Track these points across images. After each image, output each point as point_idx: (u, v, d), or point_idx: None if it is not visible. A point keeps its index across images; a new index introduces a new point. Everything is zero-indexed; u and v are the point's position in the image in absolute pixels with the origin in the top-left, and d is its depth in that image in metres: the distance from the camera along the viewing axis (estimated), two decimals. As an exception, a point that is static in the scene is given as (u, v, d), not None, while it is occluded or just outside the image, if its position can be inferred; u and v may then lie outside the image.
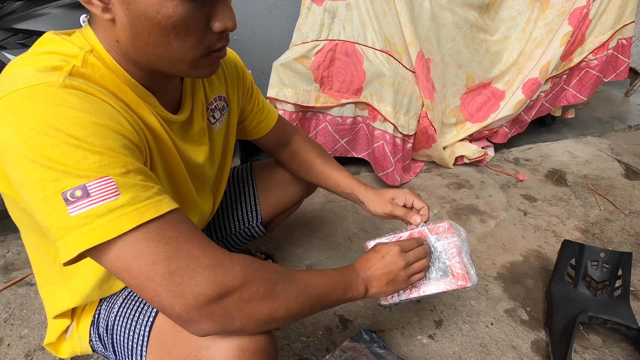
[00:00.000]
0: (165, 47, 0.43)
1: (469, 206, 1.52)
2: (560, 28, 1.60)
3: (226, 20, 0.44)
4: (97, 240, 0.37)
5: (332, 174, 0.81)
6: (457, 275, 0.68)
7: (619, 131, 2.23)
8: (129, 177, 0.39)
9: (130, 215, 0.38)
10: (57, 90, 0.38)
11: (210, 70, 0.49)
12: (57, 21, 1.02)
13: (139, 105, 0.48)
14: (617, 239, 1.36)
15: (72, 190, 0.36)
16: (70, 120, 0.37)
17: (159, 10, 0.39)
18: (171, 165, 0.55)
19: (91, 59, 0.44)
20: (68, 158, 0.36)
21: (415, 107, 1.48)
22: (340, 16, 1.36)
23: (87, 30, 0.46)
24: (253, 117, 0.77)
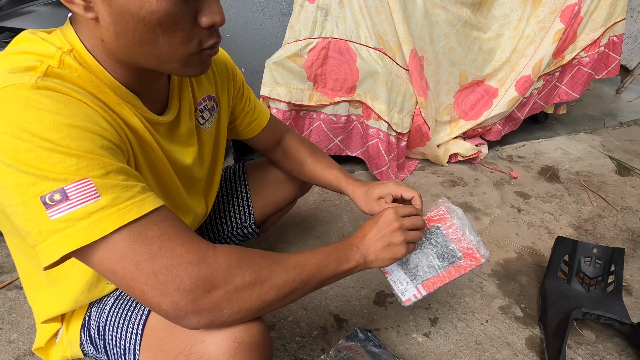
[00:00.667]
0: (152, 44, 0.42)
1: (464, 204, 1.53)
2: (552, 25, 1.61)
3: (213, 14, 0.43)
4: (78, 243, 0.36)
5: (322, 173, 0.80)
6: (468, 255, 0.67)
7: (611, 128, 2.25)
8: (109, 177, 0.38)
9: (112, 217, 0.37)
10: (28, 92, 0.36)
11: (201, 68, 0.48)
12: (44, 19, 1.00)
13: (120, 106, 0.46)
14: (609, 234, 1.37)
15: (50, 193, 0.35)
16: (44, 123, 0.36)
17: (142, 6, 0.38)
18: (157, 166, 0.53)
19: (68, 59, 0.42)
20: (44, 162, 0.35)
21: (409, 105, 1.48)
22: (333, 14, 1.35)
23: (68, 29, 0.45)
24: (244, 116, 0.76)
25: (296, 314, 1.02)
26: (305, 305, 1.04)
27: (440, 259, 0.68)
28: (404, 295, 0.69)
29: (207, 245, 0.43)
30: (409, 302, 0.69)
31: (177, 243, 0.41)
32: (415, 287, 0.68)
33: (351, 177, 0.79)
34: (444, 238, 0.68)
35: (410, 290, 0.68)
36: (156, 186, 0.54)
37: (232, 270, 0.42)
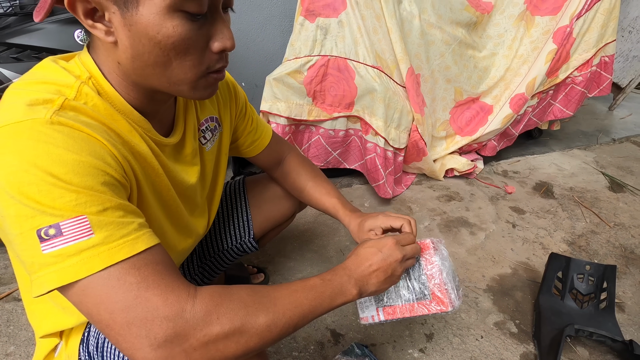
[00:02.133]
0: (164, 66, 0.44)
1: (459, 218, 1.55)
2: (545, 46, 1.65)
3: (225, 40, 0.45)
4: (65, 279, 0.37)
5: (321, 199, 0.80)
6: (436, 298, 0.66)
7: (604, 144, 2.30)
8: (106, 214, 0.39)
9: (102, 255, 0.38)
10: (43, 127, 0.38)
11: (208, 92, 0.50)
12: (51, 36, 1.03)
13: (131, 133, 0.48)
14: (602, 251, 1.39)
15: (46, 228, 0.37)
16: (51, 157, 0.37)
17: (159, 31, 0.41)
18: (161, 191, 0.55)
19: (85, 89, 0.45)
20: (44, 196, 0.37)
21: (406, 122, 1.51)
22: (332, 33, 1.39)
23: (85, 56, 0.47)
24: (247, 136, 0.78)
25: (293, 328, 1.03)
26: (302, 319, 1.05)
27: (409, 291, 0.67)
28: (363, 312, 0.67)
29: (186, 295, 0.41)
30: (365, 321, 0.67)
31: (154, 293, 0.39)
32: (375, 309, 0.67)
33: (348, 206, 0.78)
34: (420, 272, 0.67)
35: (370, 310, 0.67)
36: (161, 211, 0.56)
37: (211, 323, 0.41)
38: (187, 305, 0.40)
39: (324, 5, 1.36)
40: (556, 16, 1.63)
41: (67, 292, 0.39)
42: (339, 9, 1.36)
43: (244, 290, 0.46)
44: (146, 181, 0.51)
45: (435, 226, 1.50)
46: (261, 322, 0.44)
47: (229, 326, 0.42)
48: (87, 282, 0.38)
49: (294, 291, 0.49)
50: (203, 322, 0.41)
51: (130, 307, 0.38)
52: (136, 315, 0.38)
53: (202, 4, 0.41)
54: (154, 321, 0.38)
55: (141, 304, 0.39)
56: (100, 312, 0.38)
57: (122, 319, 0.38)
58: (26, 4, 1.04)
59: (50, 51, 1.04)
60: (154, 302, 0.39)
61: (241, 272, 1.16)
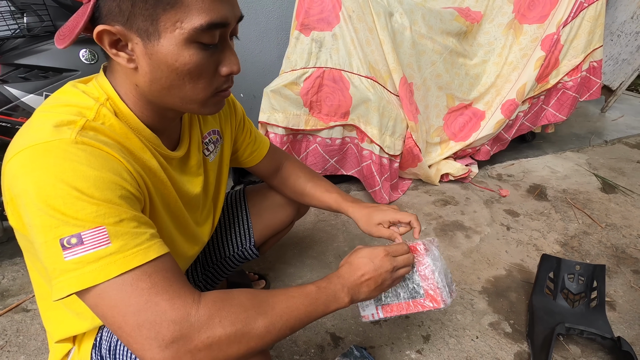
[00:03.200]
0: (179, 89, 0.49)
1: (455, 222, 1.58)
2: (533, 53, 1.71)
3: (232, 65, 0.51)
4: (85, 284, 0.41)
5: (322, 197, 0.86)
6: (430, 296, 0.71)
7: (596, 146, 2.34)
8: (122, 225, 0.43)
9: (118, 262, 0.42)
10: (68, 146, 0.43)
11: (216, 108, 0.55)
12: (57, 56, 1.08)
13: (142, 150, 0.53)
14: (594, 251, 1.43)
15: (69, 237, 0.41)
16: (76, 173, 0.42)
17: (177, 59, 0.46)
18: (170, 203, 0.60)
19: (103, 110, 0.50)
20: (69, 208, 0.41)
21: (400, 129, 1.56)
22: (326, 45, 1.44)
23: (102, 79, 0.52)
24: (246, 147, 0.83)
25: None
26: (303, 324, 1.08)
27: (404, 291, 0.72)
28: (364, 310, 0.73)
29: (191, 301, 0.45)
30: (366, 319, 0.72)
31: (163, 298, 0.43)
32: (375, 308, 0.72)
33: (350, 198, 0.85)
34: (414, 273, 0.72)
35: (370, 309, 0.73)
36: (170, 221, 0.60)
37: (213, 326, 0.44)
38: (192, 310, 0.44)
39: (318, 20, 1.41)
40: (543, 24, 1.68)
41: (84, 295, 0.43)
42: (332, 23, 1.41)
43: (244, 295, 0.50)
44: (156, 194, 0.55)
45: (431, 230, 1.53)
46: (260, 325, 0.48)
47: (230, 329, 0.46)
48: (103, 287, 0.42)
49: (291, 297, 0.53)
50: (207, 325, 0.44)
51: (141, 311, 0.42)
52: (146, 318, 0.42)
53: (215, 36, 0.47)
54: (162, 324, 0.42)
55: (151, 308, 0.42)
56: (114, 314, 0.42)
57: (134, 321, 0.42)
58: (33, 26, 1.09)
59: (57, 70, 1.09)
60: (163, 307, 0.43)
61: (243, 279, 1.20)
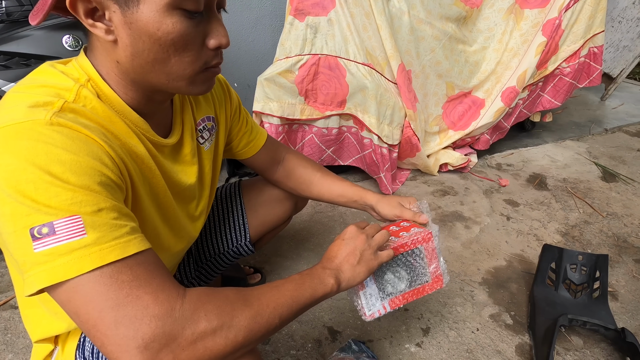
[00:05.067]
0: (164, 63, 0.45)
1: (454, 213, 1.56)
2: (534, 38, 1.66)
3: (220, 37, 0.47)
4: (56, 278, 0.37)
5: (334, 186, 0.83)
6: (436, 279, 0.72)
7: (596, 134, 2.32)
8: (100, 215, 0.39)
9: (93, 256, 0.38)
10: (42, 127, 0.39)
11: (206, 86, 0.51)
12: (39, 43, 1.03)
13: (128, 134, 0.49)
14: (595, 240, 1.41)
15: (39, 226, 0.37)
16: (49, 156, 0.38)
17: (159, 28, 0.42)
18: (158, 193, 0.56)
19: (84, 92, 0.45)
20: (41, 194, 0.37)
21: (398, 118, 1.52)
22: (322, 31, 1.39)
23: (82, 59, 0.48)
24: (242, 137, 0.78)
25: (290, 326, 1.04)
26: (299, 318, 1.06)
27: (413, 280, 0.71)
28: (370, 310, 0.68)
29: (176, 294, 0.42)
30: (372, 318, 0.68)
31: (146, 291, 0.39)
32: (381, 305, 0.69)
33: None
34: (423, 260, 0.71)
35: (376, 306, 0.69)
36: (156, 213, 0.56)
37: (198, 321, 0.41)
38: (176, 304, 0.41)
39: (313, 4, 1.36)
40: (545, 9, 1.64)
41: (55, 290, 0.38)
42: (328, 7, 1.36)
43: (230, 289, 0.47)
44: (142, 182, 0.51)
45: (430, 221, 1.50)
46: (247, 315, 0.45)
47: (215, 321, 0.42)
48: (78, 280, 0.38)
49: (275, 286, 0.51)
50: (191, 320, 0.41)
51: (121, 305, 0.38)
52: (126, 314, 0.38)
53: (199, 2, 0.43)
54: (143, 319, 0.38)
55: (132, 301, 0.38)
56: (88, 310, 0.38)
57: (111, 317, 0.38)
58: (12, 11, 1.03)
59: (39, 58, 1.04)
60: (145, 300, 0.39)
61: (238, 273, 1.17)
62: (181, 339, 0.40)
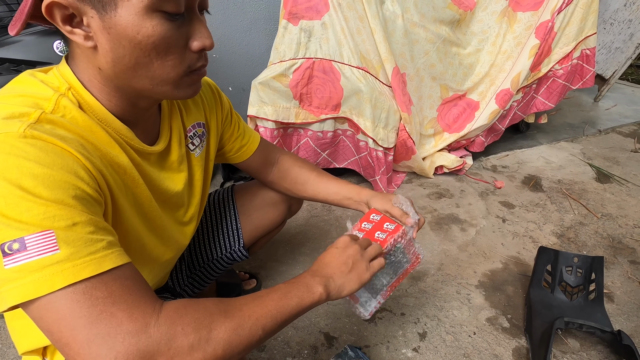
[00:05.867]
0: (146, 67, 0.44)
1: (450, 215, 1.56)
2: (528, 41, 1.67)
3: (203, 38, 0.46)
4: (26, 296, 0.36)
5: (329, 184, 0.83)
6: (415, 259, 0.76)
7: (590, 136, 2.33)
8: (74, 230, 0.38)
9: (65, 272, 0.36)
10: (15, 140, 0.38)
11: (192, 89, 0.50)
12: (30, 48, 1.02)
13: (110, 144, 0.48)
14: (590, 242, 1.41)
15: (10, 242, 0.36)
16: (21, 170, 0.37)
17: (139, 31, 0.41)
18: (143, 203, 0.54)
19: (64, 101, 0.44)
20: (11, 209, 0.36)
21: (393, 121, 1.52)
22: (316, 35, 1.39)
23: (64, 67, 0.47)
24: (234, 141, 0.77)
25: (286, 333, 1.03)
26: (295, 324, 1.05)
27: (396, 271, 0.73)
28: (367, 310, 0.71)
29: (151, 310, 0.40)
30: (371, 315, 0.71)
31: (120, 308, 0.38)
32: (377, 301, 0.72)
33: None
34: (403, 253, 0.73)
35: (372, 305, 0.71)
36: (142, 224, 0.55)
37: (175, 336, 0.40)
38: (151, 320, 0.39)
39: (306, 8, 1.36)
40: (537, 11, 1.65)
41: (27, 307, 0.37)
42: (321, 11, 1.36)
43: (211, 301, 0.45)
44: (125, 193, 0.50)
45: (426, 224, 1.50)
46: (227, 327, 0.43)
47: (193, 336, 0.40)
48: (50, 297, 0.36)
49: (259, 296, 0.49)
50: (167, 336, 0.39)
51: (94, 323, 0.37)
52: (99, 332, 0.36)
53: (180, 4, 0.42)
54: (116, 337, 0.37)
55: (105, 319, 0.37)
56: (61, 328, 0.37)
57: (84, 336, 0.36)
58: (3, 16, 1.02)
59: (30, 63, 1.03)
60: (119, 317, 0.38)
61: (233, 279, 1.16)
62: (157, 355, 0.38)
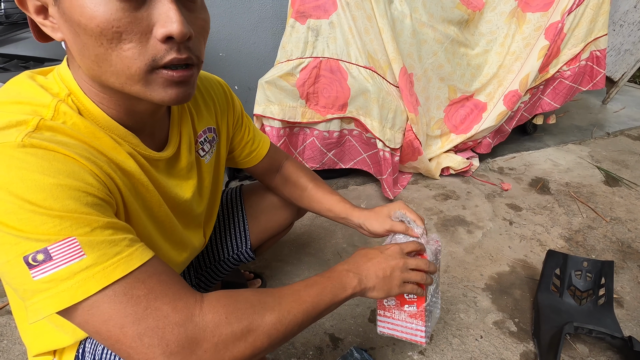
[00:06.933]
0: (105, 60, 0.39)
1: (456, 217, 1.54)
2: (537, 42, 1.65)
3: (169, 23, 0.38)
4: (61, 305, 0.36)
5: (324, 199, 0.80)
6: None
7: (598, 138, 2.30)
8: (95, 234, 0.38)
9: (97, 276, 0.37)
10: (13, 150, 0.36)
11: (169, 94, 0.42)
12: (38, 45, 1.02)
13: (115, 150, 0.46)
14: (599, 246, 1.39)
15: (33, 254, 0.35)
16: (26, 183, 0.35)
17: (82, 13, 0.36)
18: (153, 207, 0.53)
19: (63, 107, 0.42)
20: (25, 224, 0.35)
21: (400, 121, 1.51)
22: (323, 34, 1.38)
23: (64, 70, 0.45)
24: (244, 146, 0.76)
25: (291, 334, 1.02)
26: (301, 324, 1.04)
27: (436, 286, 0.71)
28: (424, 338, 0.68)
29: (194, 301, 0.42)
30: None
31: (164, 302, 0.40)
32: None
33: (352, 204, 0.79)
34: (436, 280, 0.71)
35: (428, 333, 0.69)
36: (153, 227, 0.54)
37: (220, 325, 0.41)
38: (195, 310, 0.41)
39: (314, 7, 1.35)
40: (547, 12, 1.63)
41: (69, 314, 0.38)
42: (329, 10, 1.35)
43: (249, 291, 0.47)
44: (135, 197, 0.49)
45: (432, 225, 1.49)
46: (268, 321, 0.45)
47: (237, 326, 0.42)
48: (91, 302, 0.37)
49: (296, 290, 0.50)
50: (213, 324, 0.41)
51: (141, 319, 0.38)
52: (148, 326, 0.38)
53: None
54: (165, 328, 0.39)
55: (151, 314, 0.39)
56: (109, 328, 0.38)
57: (134, 331, 0.38)
58: (11, 13, 1.02)
59: (38, 60, 1.03)
60: (164, 311, 0.39)
61: (238, 278, 1.15)
62: (204, 342, 0.40)
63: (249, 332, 0.43)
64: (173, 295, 0.41)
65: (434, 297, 0.69)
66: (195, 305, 0.41)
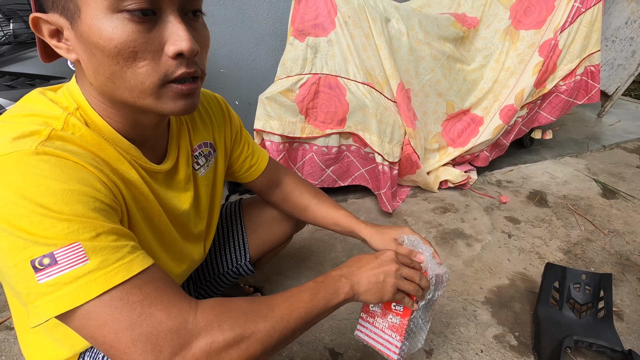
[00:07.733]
0: (121, 77, 0.42)
1: (455, 230, 1.55)
2: (531, 58, 1.69)
3: (179, 41, 0.41)
4: (64, 307, 0.38)
5: (329, 214, 0.80)
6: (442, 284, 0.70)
7: (594, 151, 2.33)
8: (99, 240, 0.39)
9: (98, 280, 0.38)
10: (28, 158, 0.38)
11: (179, 105, 0.46)
12: (43, 64, 1.04)
13: (119, 161, 0.48)
14: (598, 258, 1.39)
15: (40, 258, 0.37)
16: (39, 188, 0.37)
17: (100, 35, 0.39)
18: (153, 218, 0.55)
19: (72, 120, 0.45)
20: (36, 227, 0.37)
21: (398, 135, 1.53)
22: (322, 51, 1.42)
23: (73, 86, 0.48)
24: (243, 162, 0.77)
25: (291, 348, 1.02)
26: (300, 339, 1.04)
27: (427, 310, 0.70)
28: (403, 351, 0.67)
29: (188, 308, 0.42)
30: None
31: (158, 308, 0.40)
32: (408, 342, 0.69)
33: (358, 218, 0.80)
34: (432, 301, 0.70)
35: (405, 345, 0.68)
36: (153, 237, 0.56)
37: (213, 332, 0.42)
38: (189, 317, 0.42)
39: (313, 25, 1.39)
40: (540, 30, 1.67)
41: (67, 318, 0.39)
42: (328, 29, 1.39)
43: (243, 299, 0.47)
44: (136, 207, 0.51)
45: (431, 239, 1.50)
46: (261, 328, 0.45)
47: (229, 333, 0.43)
48: (88, 306, 0.38)
49: (289, 297, 0.51)
50: (205, 331, 0.42)
51: (135, 325, 0.39)
52: (141, 332, 0.39)
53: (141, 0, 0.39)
54: (159, 335, 0.39)
55: (145, 320, 0.40)
56: (104, 333, 0.39)
57: (128, 337, 0.39)
58: (19, 33, 1.05)
59: (44, 78, 1.06)
60: (158, 317, 0.40)
61: (237, 292, 1.15)
62: (196, 349, 0.41)
63: (242, 339, 0.43)
64: (168, 301, 0.41)
65: (421, 318, 0.69)
66: (190, 312, 0.42)
